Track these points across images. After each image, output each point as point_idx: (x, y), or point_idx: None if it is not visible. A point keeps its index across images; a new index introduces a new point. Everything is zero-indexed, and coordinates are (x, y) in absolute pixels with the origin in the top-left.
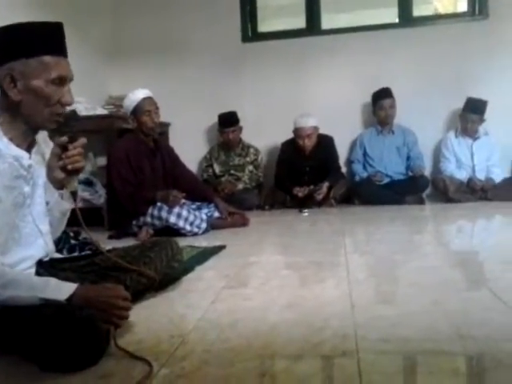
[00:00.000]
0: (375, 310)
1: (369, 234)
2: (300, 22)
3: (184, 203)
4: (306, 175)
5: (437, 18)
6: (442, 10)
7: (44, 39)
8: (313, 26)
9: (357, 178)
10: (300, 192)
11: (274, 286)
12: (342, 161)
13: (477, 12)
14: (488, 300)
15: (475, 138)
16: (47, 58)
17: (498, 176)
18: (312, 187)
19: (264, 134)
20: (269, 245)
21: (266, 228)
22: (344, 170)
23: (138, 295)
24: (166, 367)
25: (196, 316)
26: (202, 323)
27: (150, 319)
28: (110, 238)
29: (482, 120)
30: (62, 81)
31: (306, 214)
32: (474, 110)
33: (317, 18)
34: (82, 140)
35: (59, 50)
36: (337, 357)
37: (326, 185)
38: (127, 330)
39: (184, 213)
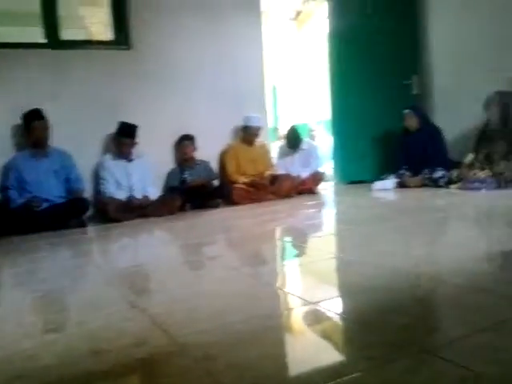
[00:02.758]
0: (15, 347)
1: (26, 266)
2: None
3: None
4: None
5: (87, 43)
6: (96, 36)
7: None
8: None
9: (13, 206)
10: None
11: None
12: None
13: (122, 42)
14: (128, 311)
15: (130, 160)
16: None
17: (153, 194)
18: None
19: None
20: None
21: None
22: None
23: None
24: None
25: None
26: None
27: None
28: None
29: (134, 143)
30: None
31: None
32: (125, 133)
33: None
34: None
35: None
36: None
37: None
38: None
39: None
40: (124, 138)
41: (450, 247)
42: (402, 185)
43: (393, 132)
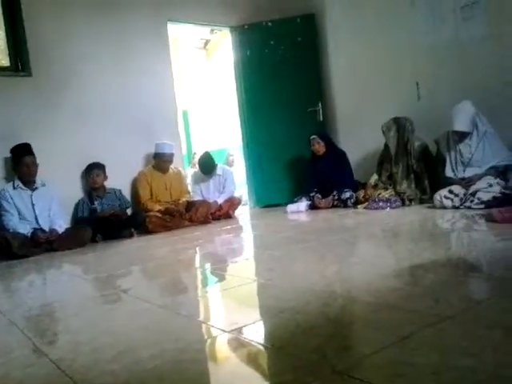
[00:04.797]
0: None
1: None
2: None
3: None
4: None
5: None
6: None
7: None
8: None
9: None
10: None
11: None
12: None
13: (21, 69)
14: (30, 357)
15: (34, 189)
16: None
17: (61, 226)
18: None
19: None
20: None
21: None
22: None
23: None
24: None
25: None
26: None
27: None
28: None
29: (35, 162)
30: None
31: None
32: (23, 151)
33: None
34: None
35: None
36: None
37: None
38: None
39: None
40: (24, 157)
41: (359, 265)
42: (313, 206)
43: (302, 156)
